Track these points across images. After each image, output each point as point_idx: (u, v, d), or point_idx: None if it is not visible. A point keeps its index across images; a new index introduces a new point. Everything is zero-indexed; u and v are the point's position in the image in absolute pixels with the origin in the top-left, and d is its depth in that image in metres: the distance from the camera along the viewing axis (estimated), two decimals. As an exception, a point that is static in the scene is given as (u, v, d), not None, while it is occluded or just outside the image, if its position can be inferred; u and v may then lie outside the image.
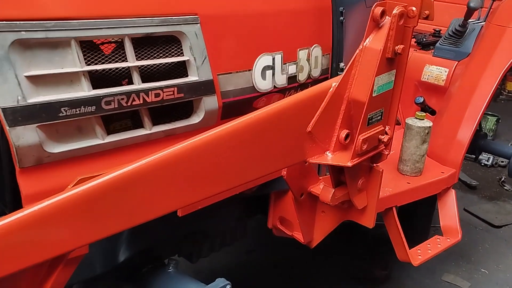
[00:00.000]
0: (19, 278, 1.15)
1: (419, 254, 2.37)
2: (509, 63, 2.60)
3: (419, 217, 3.21)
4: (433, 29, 3.35)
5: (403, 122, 2.46)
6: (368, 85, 1.62)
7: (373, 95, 1.64)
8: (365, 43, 1.64)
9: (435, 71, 2.90)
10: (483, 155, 4.87)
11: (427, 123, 2.42)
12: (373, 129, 1.72)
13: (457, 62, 2.86)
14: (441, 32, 3.27)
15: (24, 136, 1.22)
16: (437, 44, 2.95)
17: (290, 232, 2.20)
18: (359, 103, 1.65)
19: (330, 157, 1.70)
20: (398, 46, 1.62)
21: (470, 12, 2.73)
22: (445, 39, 2.93)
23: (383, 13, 1.60)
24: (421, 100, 2.88)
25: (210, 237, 2.22)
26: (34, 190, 1.22)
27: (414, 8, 1.61)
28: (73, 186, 1.12)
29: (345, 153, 1.71)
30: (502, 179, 4.76)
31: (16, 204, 1.30)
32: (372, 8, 1.59)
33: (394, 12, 1.57)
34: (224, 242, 2.33)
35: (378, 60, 1.60)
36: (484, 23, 2.93)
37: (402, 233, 2.33)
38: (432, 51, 3.00)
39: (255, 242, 3.76)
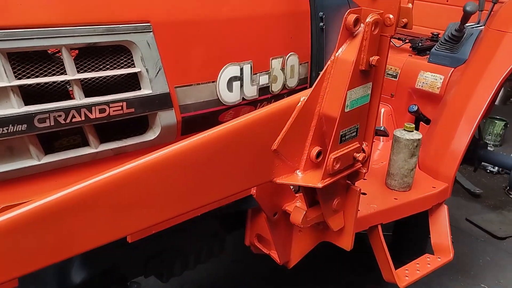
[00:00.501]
0: None
1: (407, 275, 2.23)
2: (508, 70, 2.43)
3: (414, 228, 3.08)
4: (430, 33, 3.19)
5: (392, 134, 2.32)
6: (340, 99, 1.48)
7: (346, 110, 1.50)
8: (337, 54, 1.49)
9: (430, 78, 2.74)
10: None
11: (416, 135, 2.26)
12: (346, 147, 1.57)
13: (453, 68, 2.70)
14: (439, 36, 3.11)
15: None
16: (433, 50, 2.79)
17: (268, 250, 2.07)
18: (330, 119, 1.51)
19: (300, 177, 1.56)
20: (373, 58, 1.47)
21: (466, 16, 2.57)
22: (441, 44, 2.77)
23: (357, 21, 1.45)
24: (415, 108, 2.73)
25: (182, 254, 2.09)
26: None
27: (391, 16, 1.47)
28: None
29: (317, 172, 1.57)
30: (508, 187, 4.57)
31: None
32: (345, 16, 1.45)
33: (367, 20, 1.43)
34: (199, 259, 2.20)
35: (351, 73, 1.46)
36: (483, 27, 2.77)
37: (388, 253, 2.19)
38: (428, 56, 2.84)
39: (242, 252, 3.63)
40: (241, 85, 1.67)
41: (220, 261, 3.31)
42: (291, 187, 1.88)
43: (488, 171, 4.83)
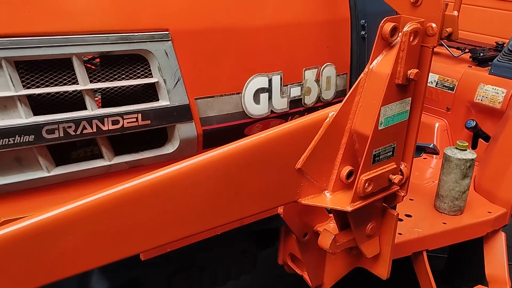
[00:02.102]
0: None
1: (454, 308, 2.03)
2: None
3: (473, 251, 2.83)
4: (495, 42, 2.95)
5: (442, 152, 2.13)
6: (373, 116, 1.34)
7: (379, 128, 1.36)
8: (371, 66, 1.36)
9: (491, 92, 2.51)
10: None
11: (470, 154, 2.06)
12: (381, 168, 1.43)
13: (517, 81, 2.47)
14: (504, 45, 2.86)
15: None
16: (495, 61, 2.57)
17: (301, 271, 1.95)
18: (362, 137, 1.38)
19: (328, 198, 1.44)
20: (411, 71, 1.32)
21: (533, 24, 2.33)
22: (504, 55, 2.54)
23: (394, 30, 1.31)
24: (473, 124, 2.52)
25: (208, 271, 2.01)
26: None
27: (433, 25, 1.32)
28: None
29: (347, 194, 1.44)
30: None
31: None
32: (381, 24, 1.32)
33: (405, 29, 1.28)
34: (229, 275, 2.12)
35: (385, 87, 1.32)
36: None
37: (433, 282, 2.00)
38: (489, 68, 2.61)
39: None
40: (270, 97, 1.56)
41: (264, 273, 3.22)
42: (324, 206, 1.75)
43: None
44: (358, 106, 1.38)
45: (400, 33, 1.32)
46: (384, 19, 1.32)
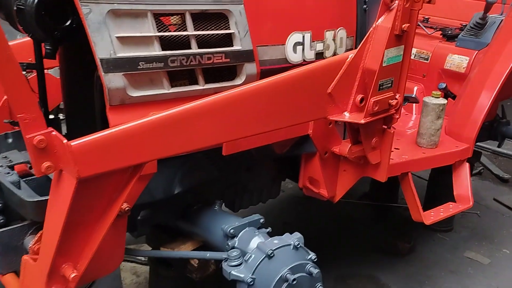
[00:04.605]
0: (107, 183, 1.59)
1: (432, 216, 2.70)
2: (522, 51, 2.89)
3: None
4: (460, 24, 3.66)
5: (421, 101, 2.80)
6: (379, 56, 1.99)
7: (383, 65, 2.01)
8: (377, 23, 2.01)
9: (457, 60, 3.21)
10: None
11: (442, 100, 2.74)
12: (383, 94, 2.08)
13: (477, 51, 3.17)
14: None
15: (113, 81, 1.67)
16: (460, 36, 3.27)
17: (317, 189, 2.57)
18: (371, 71, 2.02)
19: (347, 116, 2.08)
20: (405, 25, 1.98)
21: (488, 6, 3.04)
22: (467, 31, 3.24)
23: (393, -2, 1.97)
24: (444, 85, 3.20)
25: (249, 191, 2.63)
26: (119, 123, 1.65)
27: (419, -6, 1.98)
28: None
29: (360, 114, 2.08)
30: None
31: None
32: (384, -5, 1.97)
33: (400, -3, 1.94)
34: (261, 197, 2.74)
35: (388, 36, 1.97)
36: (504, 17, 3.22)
37: (417, 196, 2.66)
38: (455, 42, 3.31)
39: (292, 216, 4.15)
40: (303, 49, 2.20)
41: (272, 221, 3.85)
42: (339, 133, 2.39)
43: (518, 161, 5.20)
44: (368, 51, 2.03)
45: (396, 1, 1.97)
46: (386, -8, 1.97)
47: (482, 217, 4.21)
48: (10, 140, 2.16)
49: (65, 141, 1.41)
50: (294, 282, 1.85)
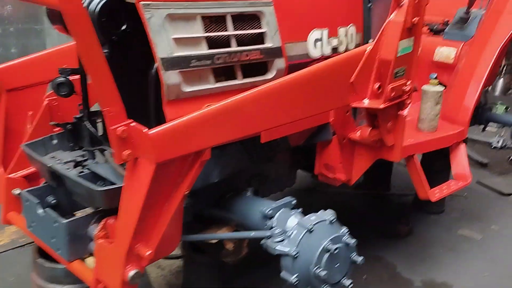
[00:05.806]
0: (173, 169, 1.77)
1: (437, 193, 2.96)
2: (503, 41, 3.20)
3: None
4: (442, 20, 3.96)
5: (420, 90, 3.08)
6: (394, 47, 2.24)
7: (398, 56, 2.26)
8: (390, 18, 2.26)
9: (445, 51, 3.50)
10: (495, 138, 5.35)
11: (440, 88, 3.02)
12: (398, 82, 2.33)
13: (463, 42, 3.47)
14: (449, 22, 3.88)
15: (171, 77, 1.86)
16: (447, 29, 3.57)
17: (333, 175, 2.80)
18: (387, 62, 2.27)
19: (367, 103, 2.31)
20: (415, 19, 2.24)
21: (471, 2, 3.35)
22: (452, 25, 3.54)
23: (403, -4, 2.22)
24: (435, 76, 3.48)
25: (271, 179, 2.83)
26: (175, 116, 1.83)
27: (425, -8, 2.24)
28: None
29: (378, 100, 2.32)
30: (511, 158, 5.34)
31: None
32: (396, -6, 2.22)
33: (411, -6, 2.20)
34: (280, 186, 2.95)
35: (401, 29, 2.22)
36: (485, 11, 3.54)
37: (423, 175, 2.93)
38: (442, 36, 3.61)
39: (301, 202, 4.36)
40: (322, 45, 2.43)
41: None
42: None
43: (493, 147, 5.54)
44: (384, 43, 2.27)
45: (407, -3, 2.23)
46: (397, -9, 2.23)
47: (469, 198, 4.54)
48: (55, 141, 2.30)
49: (145, 130, 1.60)
50: (336, 251, 2.07)
